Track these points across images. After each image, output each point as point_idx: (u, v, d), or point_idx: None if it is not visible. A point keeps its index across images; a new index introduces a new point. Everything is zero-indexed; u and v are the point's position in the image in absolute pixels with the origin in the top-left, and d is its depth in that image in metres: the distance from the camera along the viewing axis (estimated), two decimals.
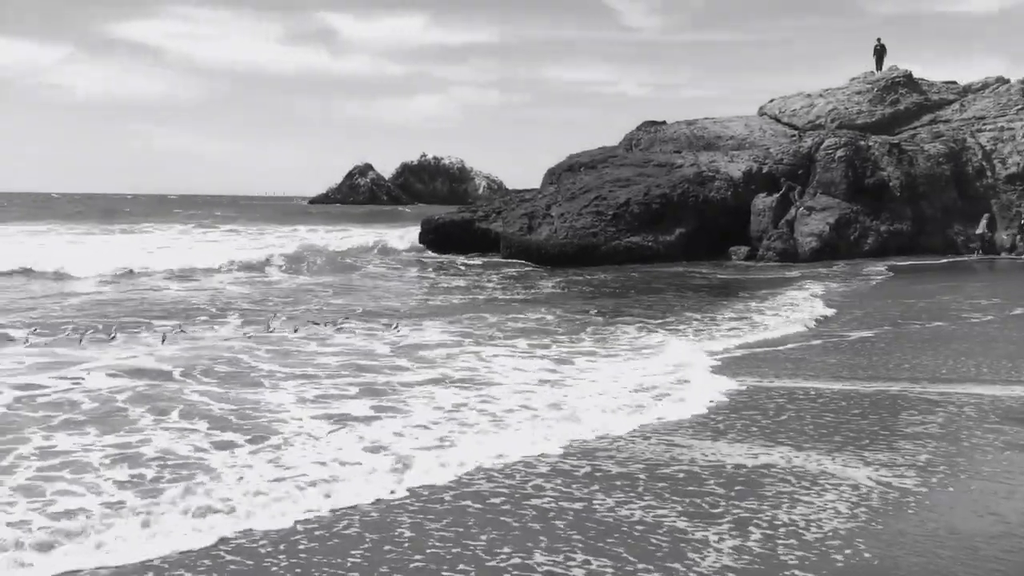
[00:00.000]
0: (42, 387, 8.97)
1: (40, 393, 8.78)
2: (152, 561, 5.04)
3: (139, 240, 34.79)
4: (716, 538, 5.39)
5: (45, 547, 5.07)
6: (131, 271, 21.37)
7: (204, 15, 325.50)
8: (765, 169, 29.65)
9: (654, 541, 5.35)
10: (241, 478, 6.24)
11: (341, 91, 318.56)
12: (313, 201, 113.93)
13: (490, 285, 20.61)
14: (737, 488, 6.29)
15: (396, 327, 12.92)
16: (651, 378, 9.72)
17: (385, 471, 6.47)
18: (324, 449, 7.01)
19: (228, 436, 7.35)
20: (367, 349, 11.49)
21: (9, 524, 5.43)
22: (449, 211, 34.08)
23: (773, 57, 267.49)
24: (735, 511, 5.83)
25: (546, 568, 5.01)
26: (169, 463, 6.64)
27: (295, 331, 12.46)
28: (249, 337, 12.14)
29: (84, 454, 6.80)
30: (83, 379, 9.34)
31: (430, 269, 24.89)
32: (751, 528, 5.54)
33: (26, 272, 21.11)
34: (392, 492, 6.13)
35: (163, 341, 11.62)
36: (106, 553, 5.07)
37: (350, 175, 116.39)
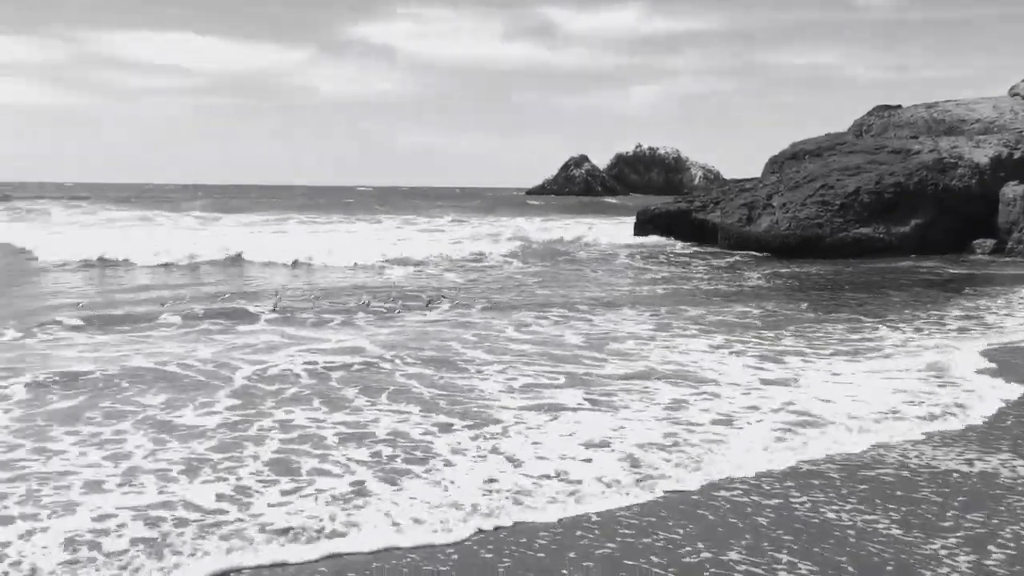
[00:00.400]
0: (273, 364, 9.76)
1: (271, 365, 9.62)
2: (398, 550, 5.11)
3: (369, 229, 37.04)
4: (946, 553, 4.98)
5: (305, 532, 5.25)
6: (356, 263, 22.65)
7: (431, 14, 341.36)
8: (1017, 155, 27.05)
9: (872, 549, 5.03)
10: (472, 469, 6.37)
11: (559, 84, 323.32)
12: (530, 192, 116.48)
13: (696, 277, 20.20)
14: (960, 499, 5.81)
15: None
16: (874, 380, 9.19)
17: (616, 471, 6.30)
18: (544, 441, 7.04)
19: (442, 419, 7.63)
20: (560, 337, 11.63)
21: (270, 505, 5.62)
22: (664, 201, 33.71)
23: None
24: (965, 524, 5.38)
25: (745, 567, 4.84)
26: (400, 444, 6.93)
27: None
28: (457, 324, 12.61)
29: (318, 429, 7.29)
30: (307, 357, 10.09)
31: (639, 259, 24.70)
32: (990, 547, 5.05)
33: (268, 263, 22.96)
34: (627, 495, 5.88)
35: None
36: (358, 538, 5.21)
37: (566, 166, 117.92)
